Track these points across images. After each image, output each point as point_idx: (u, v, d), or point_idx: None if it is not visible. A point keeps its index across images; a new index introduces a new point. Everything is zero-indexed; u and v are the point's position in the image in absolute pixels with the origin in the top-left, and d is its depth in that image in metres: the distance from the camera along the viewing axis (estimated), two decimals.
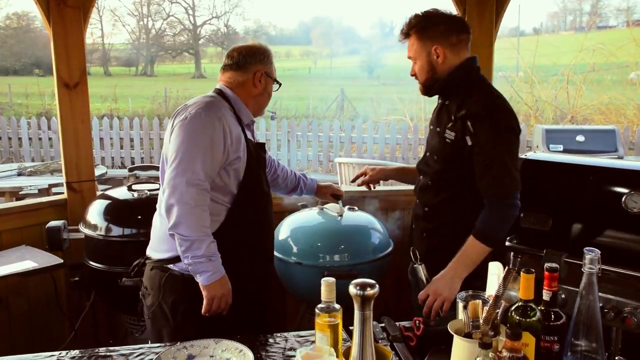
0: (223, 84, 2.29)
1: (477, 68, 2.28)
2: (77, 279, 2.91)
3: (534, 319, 1.43)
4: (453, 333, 1.47)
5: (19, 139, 10.56)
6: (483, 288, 1.69)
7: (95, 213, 2.90)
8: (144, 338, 2.81)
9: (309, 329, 1.85)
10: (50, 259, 2.75)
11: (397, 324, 1.83)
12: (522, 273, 1.43)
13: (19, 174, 6.93)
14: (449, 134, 2.20)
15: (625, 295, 1.89)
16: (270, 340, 1.80)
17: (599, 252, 1.41)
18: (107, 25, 39.33)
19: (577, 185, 2.15)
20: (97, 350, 1.75)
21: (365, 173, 2.77)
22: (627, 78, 12.11)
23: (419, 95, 2.82)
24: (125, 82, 26.13)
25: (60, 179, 5.52)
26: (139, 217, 2.81)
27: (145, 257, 2.28)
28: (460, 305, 1.55)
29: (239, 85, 2.26)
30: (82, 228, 2.91)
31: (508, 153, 2.12)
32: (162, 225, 2.16)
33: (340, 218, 2.87)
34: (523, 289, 1.43)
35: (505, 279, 1.45)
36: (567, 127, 7.64)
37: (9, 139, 10.72)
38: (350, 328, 1.41)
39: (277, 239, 2.96)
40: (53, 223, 2.94)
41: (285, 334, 1.83)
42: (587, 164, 2.19)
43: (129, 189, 2.97)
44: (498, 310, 1.45)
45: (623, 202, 1.99)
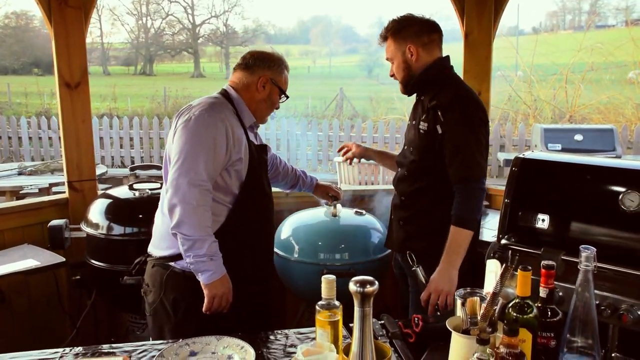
0: (230, 85, 2.32)
1: (450, 67, 2.42)
2: (78, 278, 2.94)
3: (531, 316, 1.45)
4: (451, 330, 1.49)
5: (19, 138, 10.57)
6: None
7: (97, 212, 2.92)
8: (145, 336, 2.83)
9: (309, 327, 1.87)
10: (52, 258, 2.77)
11: (396, 321, 1.85)
12: (519, 270, 1.45)
13: (20, 173, 6.95)
14: (423, 125, 2.35)
15: (622, 293, 1.90)
16: (271, 337, 1.82)
17: (595, 249, 1.43)
18: (106, 25, 39.30)
19: (574, 184, 2.17)
20: (100, 347, 1.77)
21: (350, 148, 2.85)
22: (625, 77, 12.13)
23: None
24: (125, 81, 26.10)
25: (61, 178, 5.54)
26: (140, 216, 2.84)
27: (147, 254, 2.31)
28: (459, 302, 1.57)
29: (244, 87, 2.28)
30: (83, 227, 2.93)
31: (475, 141, 2.26)
32: (163, 223, 2.19)
33: (338, 218, 2.90)
34: (520, 286, 1.46)
35: (503, 276, 1.48)
36: (565, 126, 7.65)
37: (9, 139, 10.72)
38: (350, 325, 1.44)
39: (278, 238, 2.98)
40: (55, 222, 2.97)
41: (286, 331, 1.85)
42: (584, 163, 2.21)
43: (130, 188, 2.99)
44: (495, 307, 1.47)
45: (620, 200, 2.01)
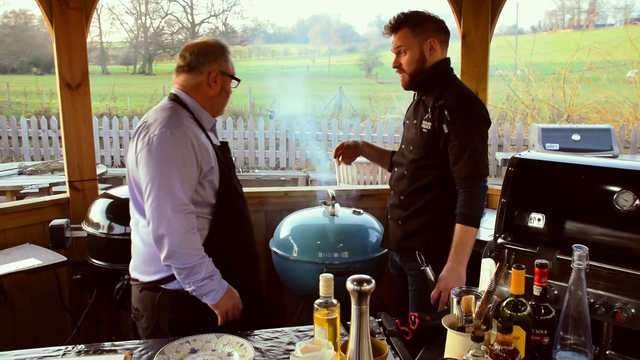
0: (178, 88, 2.16)
1: (451, 68, 2.47)
2: (79, 277, 2.95)
3: (525, 314, 1.48)
4: (447, 327, 1.52)
5: (19, 138, 10.57)
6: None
7: (98, 211, 2.94)
8: None
9: (308, 324, 1.90)
10: (54, 257, 2.79)
11: (393, 319, 1.87)
12: (513, 269, 1.48)
13: (20, 173, 6.97)
14: (426, 125, 2.37)
15: (616, 291, 1.93)
16: (271, 335, 1.84)
17: (587, 248, 1.46)
18: (105, 24, 39.22)
19: (569, 184, 2.19)
20: (102, 345, 1.80)
21: (343, 149, 2.82)
22: (623, 77, 12.14)
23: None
24: (124, 80, 26.09)
25: (61, 178, 5.56)
26: None
27: (129, 277, 2.20)
28: (454, 300, 1.60)
29: (194, 89, 2.14)
30: (84, 226, 2.95)
31: (480, 140, 2.31)
32: (145, 246, 2.08)
33: (336, 217, 2.93)
34: (514, 285, 1.48)
35: (497, 275, 1.51)
36: (563, 126, 7.67)
37: (9, 138, 10.73)
38: (348, 323, 1.46)
39: (277, 237, 3.01)
40: (56, 221, 2.99)
41: (285, 329, 1.88)
42: (579, 163, 2.24)
43: None
44: (490, 305, 1.50)
45: (614, 200, 2.04)
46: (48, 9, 3.09)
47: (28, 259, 2.75)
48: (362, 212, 3.06)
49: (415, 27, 2.37)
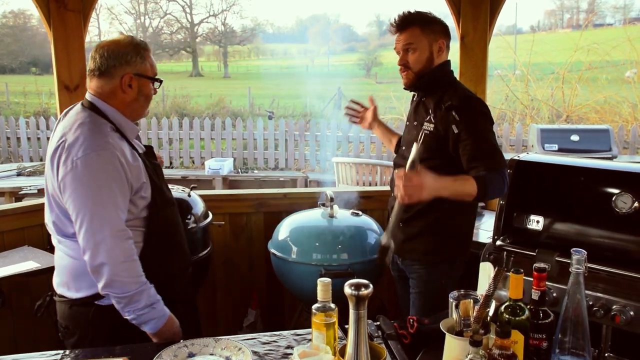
0: (93, 94, 1.98)
1: (452, 70, 2.47)
2: None
3: (523, 318, 1.48)
4: (445, 331, 1.52)
5: (18, 139, 10.56)
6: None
7: None
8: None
9: (307, 326, 1.89)
10: (52, 260, 2.78)
11: (391, 322, 1.87)
12: (511, 273, 1.48)
13: (19, 174, 6.97)
14: (428, 126, 2.36)
15: (615, 294, 1.94)
16: (269, 339, 1.84)
17: (586, 252, 1.46)
18: (104, 24, 39.19)
19: (568, 186, 2.20)
20: (99, 349, 1.79)
21: (363, 116, 2.89)
22: (622, 76, 12.14)
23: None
24: None
25: None
26: None
27: (53, 293, 2.08)
28: (453, 304, 1.60)
29: (109, 95, 1.96)
30: None
31: (492, 136, 2.30)
32: (73, 261, 1.95)
33: (335, 219, 2.93)
34: (512, 289, 1.48)
35: (496, 279, 1.51)
36: (561, 126, 7.66)
37: (7, 139, 10.72)
38: (346, 326, 1.46)
39: (276, 238, 3.01)
40: None
41: (283, 332, 1.88)
42: (578, 165, 2.25)
43: None
44: (488, 309, 1.50)
45: (613, 202, 2.04)
46: (46, 11, 3.09)
47: (27, 262, 2.75)
48: (360, 213, 3.06)
49: (426, 27, 2.37)
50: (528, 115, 10.82)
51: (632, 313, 1.88)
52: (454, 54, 3.40)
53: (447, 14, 3.54)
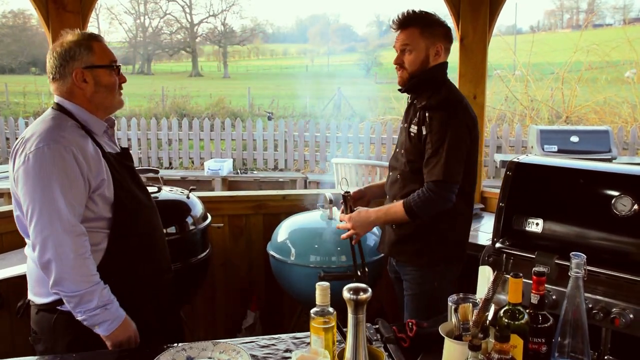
0: (58, 95, 1.95)
1: (446, 72, 2.46)
2: None
3: (522, 322, 1.47)
4: (444, 335, 1.52)
5: (17, 139, 10.54)
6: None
7: None
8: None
9: (307, 328, 1.88)
10: None
11: (390, 326, 1.87)
12: (510, 277, 1.47)
13: None
14: (413, 128, 2.37)
15: (614, 297, 1.93)
16: (267, 342, 1.84)
17: (585, 256, 1.45)
18: (103, 24, 39.27)
19: (567, 188, 2.19)
20: (98, 352, 1.79)
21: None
22: (621, 77, 12.15)
23: None
24: None
25: None
26: None
27: (27, 298, 2.02)
28: (452, 308, 1.59)
29: (70, 94, 1.92)
30: None
31: (454, 147, 2.28)
32: (37, 267, 1.86)
33: (333, 221, 2.92)
34: (511, 293, 1.48)
35: (495, 283, 1.50)
36: (561, 127, 7.68)
37: (7, 139, 10.72)
38: (345, 329, 1.46)
39: (275, 240, 3.01)
40: None
41: (282, 336, 1.87)
42: (577, 167, 2.24)
43: None
44: (488, 313, 1.49)
45: (612, 204, 2.03)
46: (45, 12, 3.08)
47: (25, 264, 2.74)
48: None
49: (425, 29, 2.35)
50: (527, 116, 10.81)
51: (631, 316, 1.87)
52: (454, 55, 3.41)
53: (446, 14, 3.54)
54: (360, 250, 2.50)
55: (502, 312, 1.50)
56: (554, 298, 2.02)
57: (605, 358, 1.90)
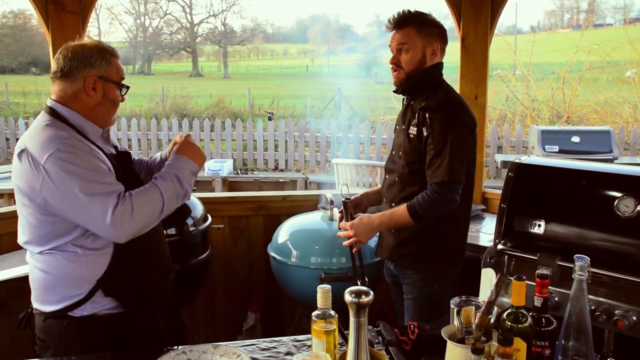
0: (54, 100, 1.91)
1: (442, 73, 2.44)
2: None
3: (526, 325, 1.46)
4: (447, 338, 1.50)
5: (17, 140, 10.52)
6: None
7: None
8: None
9: (307, 329, 1.87)
10: None
11: (392, 328, 1.85)
12: (513, 280, 1.46)
13: None
14: (412, 130, 2.35)
15: (617, 299, 1.92)
16: (268, 345, 1.82)
17: (589, 259, 1.44)
18: (104, 24, 39.33)
19: (570, 190, 2.18)
20: (98, 355, 1.78)
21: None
22: (622, 77, 12.14)
23: None
24: None
25: None
26: None
27: (31, 308, 2.02)
28: (454, 311, 1.58)
29: (72, 98, 1.89)
30: None
31: (457, 147, 2.26)
32: (44, 275, 1.90)
33: (334, 222, 2.91)
34: (514, 296, 1.47)
35: (498, 286, 1.49)
36: (562, 128, 7.67)
37: (7, 140, 10.71)
38: (346, 332, 1.44)
39: (276, 242, 3.00)
40: None
41: (283, 338, 1.86)
42: (580, 169, 2.23)
43: None
44: (490, 316, 1.48)
45: (615, 206, 2.02)
46: (44, 13, 3.06)
47: (24, 266, 2.72)
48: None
49: (422, 28, 2.34)
50: (528, 116, 10.80)
51: (634, 318, 1.86)
52: (453, 54, 3.40)
53: (447, 13, 3.53)
54: (360, 259, 2.46)
55: (505, 315, 1.49)
56: (556, 300, 2.01)
57: None
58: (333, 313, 1.49)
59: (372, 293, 1.35)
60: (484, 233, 3.10)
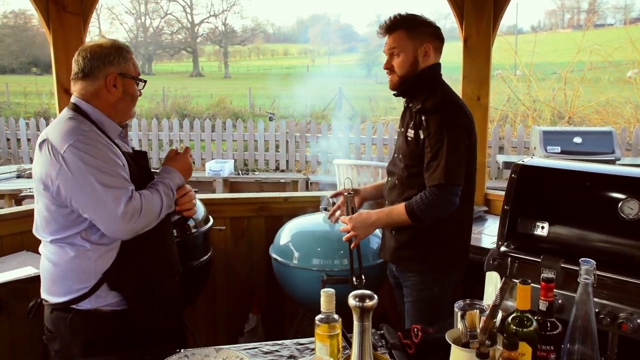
0: (77, 97, 1.99)
1: (440, 73, 2.42)
2: None
3: (531, 329, 1.45)
4: (451, 342, 1.49)
5: (18, 140, 10.54)
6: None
7: None
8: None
9: (309, 331, 1.87)
10: None
11: (395, 332, 1.84)
12: (518, 284, 1.45)
13: (18, 176, 6.94)
14: (410, 133, 2.34)
15: (621, 301, 1.90)
16: (271, 348, 1.81)
17: (594, 262, 1.43)
18: (104, 24, 39.25)
19: (573, 191, 2.16)
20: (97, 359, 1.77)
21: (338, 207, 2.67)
22: (624, 77, 12.12)
23: None
24: None
25: None
26: None
27: (40, 298, 2.06)
28: (458, 315, 1.57)
29: (94, 96, 1.97)
30: None
31: (454, 149, 2.25)
32: (52, 266, 1.95)
33: (336, 224, 2.89)
34: (519, 300, 1.45)
35: (502, 290, 1.48)
36: (564, 128, 7.65)
37: (7, 140, 10.70)
38: (349, 335, 1.43)
39: (277, 243, 2.99)
40: None
41: (286, 342, 1.85)
42: (583, 170, 2.21)
43: None
44: (495, 320, 1.47)
45: (619, 208, 2.01)
46: (45, 14, 3.05)
47: (25, 267, 2.73)
48: None
49: (412, 30, 2.34)
50: (530, 117, 10.79)
51: (639, 321, 1.85)
52: (454, 54, 3.39)
53: (448, 13, 3.51)
54: (359, 256, 2.45)
55: (510, 319, 1.47)
56: (560, 302, 1.99)
57: None
58: (337, 317, 1.48)
59: (376, 297, 1.34)
60: (487, 235, 3.09)
